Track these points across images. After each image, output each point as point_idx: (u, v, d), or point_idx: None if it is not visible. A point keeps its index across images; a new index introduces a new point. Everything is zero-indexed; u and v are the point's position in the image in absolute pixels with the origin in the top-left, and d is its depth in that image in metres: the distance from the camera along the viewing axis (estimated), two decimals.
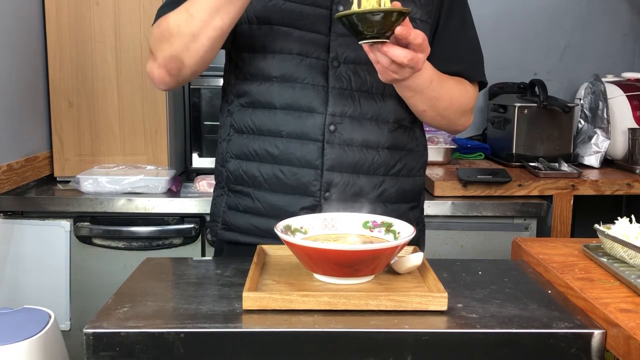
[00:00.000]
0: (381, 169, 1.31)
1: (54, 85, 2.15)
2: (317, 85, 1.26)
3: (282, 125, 1.28)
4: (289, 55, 1.26)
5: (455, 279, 1.12)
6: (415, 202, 1.40)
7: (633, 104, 2.42)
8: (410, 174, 1.36)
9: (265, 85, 1.29)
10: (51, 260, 2.05)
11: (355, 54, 1.26)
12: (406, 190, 1.35)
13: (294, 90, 1.27)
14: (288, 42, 1.26)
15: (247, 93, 1.31)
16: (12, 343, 1.38)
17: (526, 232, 2.10)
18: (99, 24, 2.13)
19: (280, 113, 1.28)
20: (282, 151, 1.28)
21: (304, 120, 1.27)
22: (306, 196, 1.28)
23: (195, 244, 2.08)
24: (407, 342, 0.91)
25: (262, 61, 1.28)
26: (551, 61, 2.89)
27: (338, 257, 0.99)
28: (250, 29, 1.28)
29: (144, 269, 1.18)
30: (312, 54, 1.26)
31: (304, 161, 1.28)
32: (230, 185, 1.36)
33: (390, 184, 1.32)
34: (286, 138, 1.28)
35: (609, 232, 1.17)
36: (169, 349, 0.91)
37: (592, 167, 2.39)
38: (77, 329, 2.05)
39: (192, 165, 2.26)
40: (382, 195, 1.32)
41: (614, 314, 0.94)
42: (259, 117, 1.29)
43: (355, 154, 1.28)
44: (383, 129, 1.30)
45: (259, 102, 1.30)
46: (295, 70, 1.26)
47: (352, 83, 1.27)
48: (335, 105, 1.27)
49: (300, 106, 1.27)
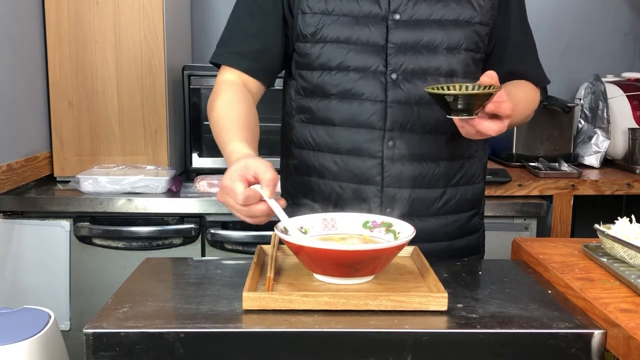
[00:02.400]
0: (441, 181, 1.29)
1: (54, 85, 2.15)
2: (376, 100, 1.24)
3: (340, 142, 1.27)
4: (346, 72, 1.25)
5: (455, 279, 1.12)
6: (475, 210, 1.37)
7: (633, 104, 2.42)
8: (470, 182, 1.33)
9: (324, 102, 1.28)
10: (51, 260, 2.05)
11: (414, 64, 1.23)
12: (467, 199, 1.33)
13: (351, 106, 1.26)
14: (345, 57, 1.24)
15: (307, 109, 1.30)
16: (12, 343, 1.38)
17: (526, 232, 2.11)
18: (99, 24, 2.13)
19: (339, 129, 1.27)
20: (341, 168, 1.27)
21: (362, 136, 1.26)
22: (367, 212, 1.23)
23: (195, 244, 2.08)
24: (407, 342, 0.91)
25: (319, 78, 1.27)
26: (551, 61, 2.88)
27: (338, 257, 0.99)
28: (305, 47, 1.27)
29: (144, 269, 1.18)
30: (369, 67, 1.24)
31: (363, 178, 1.27)
32: (294, 200, 1.36)
33: (450, 195, 1.30)
34: (345, 155, 1.27)
35: (609, 232, 1.17)
36: (169, 349, 0.91)
37: (592, 167, 2.40)
38: (77, 329, 2.05)
39: (192, 165, 2.26)
40: (444, 207, 1.30)
41: (614, 314, 0.94)
42: (319, 133, 1.29)
43: (415, 168, 1.26)
44: (441, 140, 1.27)
45: (318, 119, 1.29)
46: (352, 86, 1.25)
47: (410, 95, 1.24)
48: (394, 120, 1.25)
49: (358, 122, 1.26)
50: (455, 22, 1.24)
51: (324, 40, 1.25)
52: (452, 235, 1.32)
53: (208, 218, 2.06)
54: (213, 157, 2.25)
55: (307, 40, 1.26)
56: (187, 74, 2.21)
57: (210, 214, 2.06)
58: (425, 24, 1.23)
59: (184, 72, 2.21)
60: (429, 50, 1.24)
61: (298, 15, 1.25)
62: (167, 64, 2.17)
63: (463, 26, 1.25)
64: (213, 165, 2.26)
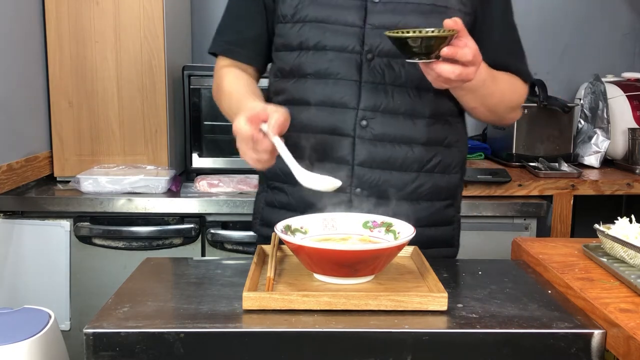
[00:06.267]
0: (414, 165, 1.28)
1: (54, 85, 2.15)
2: (350, 79, 1.26)
3: (315, 122, 1.28)
4: (323, 51, 1.26)
5: (455, 279, 1.12)
6: (450, 200, 1.36)
7: (633, 104, 2.42)
8: (446, 171, 1.32)
9: (300, 82, 1.29)
10: (51, 260, 2.05)
11: (390, 46, 1.21)
12: (440, 187, 1.32)
13: (326, 86, 1.27)
14: (322, 37, 1.26)
15: (284, 91, 1.32)
16: (12, 343, 1.38)
17: (526, 232, 2.10)
18: (99, 24, 2.13)
19: (314, 109, 1.28)
20: (313, 147, 1.27)
21: (336, 115, 1.26)
22: (337, 192, 1.22)
23: (195, 244, 2.08)
24: (407, 342, 0.91)
25: (296, 59, 1.29)
26: (551, 61, 2.89)
27: (338, 257, 0.99)
28: (285, 28, 1.28)
29: (144, 269, 1.18)
30: (346, 47, 1.25)
31: (335, 157, 1.27)
32: (269, 182, 1.37)
33: (423, 180, 1.30)
34: (319, 134, 1.28)
35: (609, 232, 1.17)
36: (169, 349, 0.91)
37: (592, 167, 2.39)
38: (77, 329, 2.05)
39: (192, 165, 2.26)
40: (415, 192, 1.29)
41: (614, 314, 0.94)
42: (294, 114, 1.27)
43: (387, 149, 1.27)
44: (418, 124, 1.28)
45: (294, 100, 1.30)
46: (329, 66, 1.26)
47: (385, 77, 1.25)
48: (368, 100, 1.26)
49: (333, 102, 1.27)
50: (433, 7, 1.25)
51: (302, 20, 1.27)
52: (424, 222, 1.30)
53: (208, 218, 2.06)
54: (213, 157, 2.26)
55: (286, 20, 1.28)
56: (187, 74, 2.21)
57: (210, 214, 2.06)
58: (403, 7, 1.25)
59: (184, 72, 2.21)
60: None
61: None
62: (167, 64, 2.17)
63: (440, 11, 1.25)
64: (213, 165, 2.26)
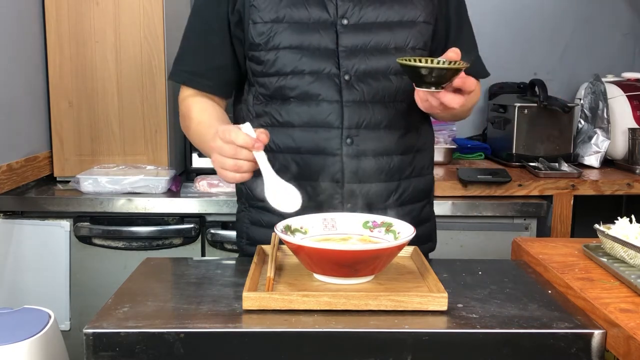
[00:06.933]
0: (396, 174, 1.33)
1: (54, 85, 2.15)
2: (332, 100, 1.28)
3: (300, 143, 1.29)
4: (301, 75, 1.28)
5: (455, 279, 1.12)
6: (426, 199, 1.42)
7: (633, 104, 2.42)
8: (421, 174, 1.38)
9: (284, 106, 1.30)
10: (51, 260, 2.05)
11: (365, 65, 1.28)
12: (419, 189, 1.38)
13: (309, 107, 1.29)
14: (299, 62, 1.27)
15: (267, 114, 1.33)
16: (12, 343, 1.38)
17: (526, 232, 2.10)
18: (99, 24, 2.13)
19: (298, 131, 1.29)
20: (301, 167, 1.29)
21: (321, 135, 1.28)
22: (328, 209, 1.28)
23: (195, 244, 2.08)
24: (407, 342, 0.91)
25: (276, 83, 1.30)
26: (551, 61, 2.89)
27: (338, 257, 0.99)
28: (260, 55, 1.29)
29: (144, 269, 1.18)
30: (322, 70, 1.27)
31: (324, 175, 1.29)
32: (251, 202, 1.38)
33: (405, 186, 1.35)
34: (305, 154, 1.29)
35: (609, 232, 1.17)
36: (169, 349, 0.91)
37: (592, 167, 2.39)
38: (77, 329, 2.05)
39: (192, 165, 2.26)
40: (400, 199, 1.34)
41: (614, 314, 0.94)
42: (278, 136, 1.30)
43: (373, 163, 1.30)
44: (394, 135, 1.32)
45: (277, 122, 1.31)
46: (309, 89, 1.28)
47: (365, 94, 1.28)
48: (351, 119, 1.28)
49: (317, 122, 1.29)
50: (401, 22, 1.29)
51: (276, 47, 1.28)
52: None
53: (208, 218, 2.06)
54: None
55: (260, 48, 1.29)
56: None
57: (210, 214, 2.06)
58: (372, 26, 1.28)
59: None
60: (378, 51, 1.28)
61: (249, 25, 1.29)
62: (167, 64, 2.17)
63: (409, 26, 1.30)
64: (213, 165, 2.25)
